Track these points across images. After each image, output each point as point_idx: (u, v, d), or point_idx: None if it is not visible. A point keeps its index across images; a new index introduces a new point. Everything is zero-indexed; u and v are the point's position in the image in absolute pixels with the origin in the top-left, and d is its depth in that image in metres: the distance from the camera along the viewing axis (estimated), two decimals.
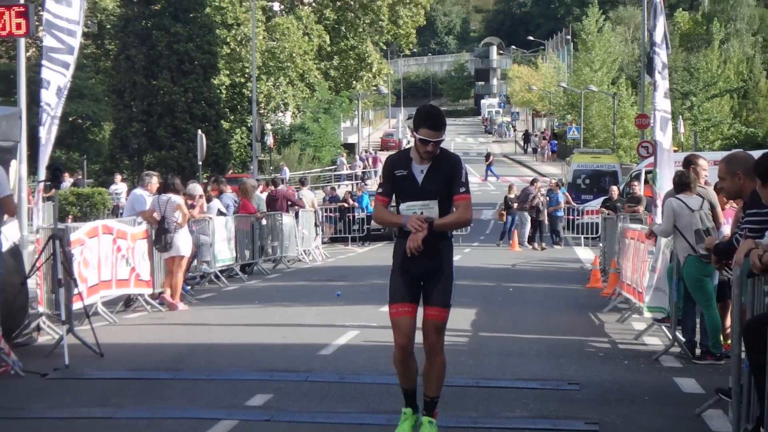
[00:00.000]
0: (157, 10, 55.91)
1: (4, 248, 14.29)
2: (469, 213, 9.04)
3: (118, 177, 44.14)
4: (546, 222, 42.28)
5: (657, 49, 24.47)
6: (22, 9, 14.63)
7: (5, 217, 16.01)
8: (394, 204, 9.19)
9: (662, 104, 22.73)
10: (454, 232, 44.42)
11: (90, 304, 17.04)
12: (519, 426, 10.44)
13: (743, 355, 8.89)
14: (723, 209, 14.75)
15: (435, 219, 8.69)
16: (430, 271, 8.87)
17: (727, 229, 13.87)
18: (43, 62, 17.19)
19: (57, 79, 17.37)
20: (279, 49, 63.56)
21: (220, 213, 26.66)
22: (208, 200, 26.10)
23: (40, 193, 17.83)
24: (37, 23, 16.58)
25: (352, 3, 73.81)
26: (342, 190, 53.95)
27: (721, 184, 7.18)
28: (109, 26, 57.82)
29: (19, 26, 14.60)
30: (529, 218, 41.41)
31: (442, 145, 9.13)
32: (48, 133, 17.31)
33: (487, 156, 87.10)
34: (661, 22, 24.29)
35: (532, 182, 45.40)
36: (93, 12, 55.55)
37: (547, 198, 43.47)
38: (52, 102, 17.34)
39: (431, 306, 8.91)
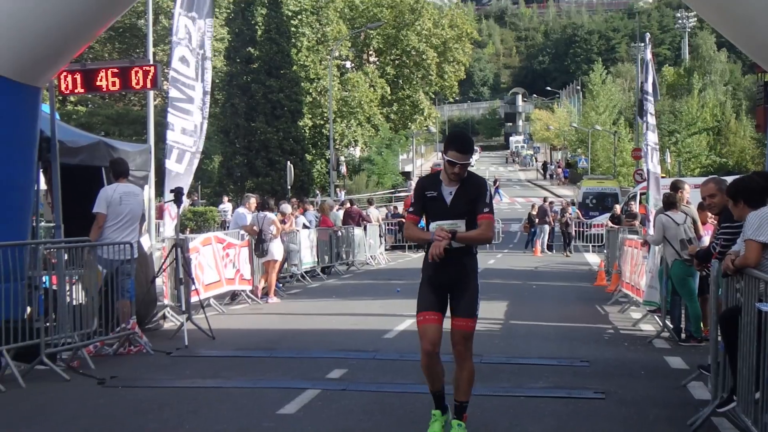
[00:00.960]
0: (255, 68, 56.20)
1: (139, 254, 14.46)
2: (491, 232, 8.02)
3: (225, 198, 44.19)
4: (562, 233, 42.48)
5: (648, 96, 24.35)
6: (152, 68, 14.79)
7: (143, 228, 16.21)
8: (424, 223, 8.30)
9: (652, 140, 22.61)
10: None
11: (204, 298, 17.18)
12: (542, 395, 10.41)
13: (719, 338, 8.84)
14: (704, 223, 14.70)
15: (459, 231, 7.73)
16: (456, 284, 7.83)
17: (706, 240, 13.81)
18: (169, 109, 17.33)
19: (179, 122, 17.53)
20: (350, 97, 63.64)
21: (305, 226, 26.87)
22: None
23: (167, 211, 17.95)
24: (163, 79, 16.72)
25: (407, 61, 73.73)
26: (401, 208, 53.94)
27: (709, 201, 7.03)
28: (217, 81, 58.20)
29: (146, 81, 14.75)
30: (547, 229, 41.59)
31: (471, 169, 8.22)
32: (190, 165, 17.51)
33: (495, 181, 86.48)
34: (651, 76, 24.19)
35: (544, 200, 45.53)
36: None
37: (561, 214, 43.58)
38: (181, 141, 17.50)
39: (459, 317, 7.84)
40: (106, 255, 12.79)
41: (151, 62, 15.51)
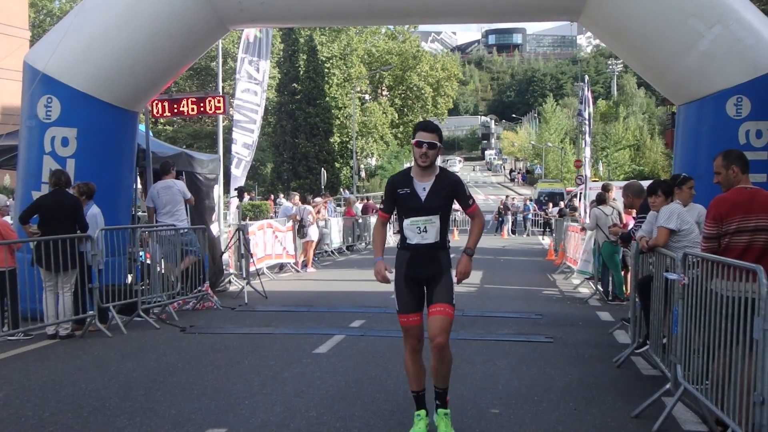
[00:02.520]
0: (298, 99, 56.40)
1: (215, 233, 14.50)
2: (483, 216, 6.52)
3: (281, 195, 44.51)
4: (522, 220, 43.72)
5: (585, 121, 24.32)
6: (221, 97, 14.79)
7: (213, 217, 16.19)
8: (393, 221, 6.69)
9: (588, 154, 22.57)
10: (459, 230, 43.19)
11: (259, 267, 17.19)
12: (507, 339, 10.40)
13: (637, 298, 8.82)
14: (627, 214, 14.67)
15: (471, 250, 6.23)
16: (432, 277, 6.16)
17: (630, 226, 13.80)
18: (234, 129, 17.40)
19: (241, 138, 17.54)
20: (368, 121, 63.60)
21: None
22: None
23: (231, 204, 17.99)
24: (229, 106, 16.76)
25: (410, 95, 73.45)
26: None
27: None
28: (270, 108, 58.36)
29: (218, 108, 14.74)
30: (510, 219, 42.31)
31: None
32: (244, 171, 17.52)
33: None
34: (588, 107, 24.15)
35: (506, 197, 47.46)
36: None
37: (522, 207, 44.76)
38: (241, 152, 17.52)
39: (438, 302, 6.12)
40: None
41: (221, 93, 15.47)
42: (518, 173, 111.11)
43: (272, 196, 44.97)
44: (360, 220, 30.52)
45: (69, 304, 10.32)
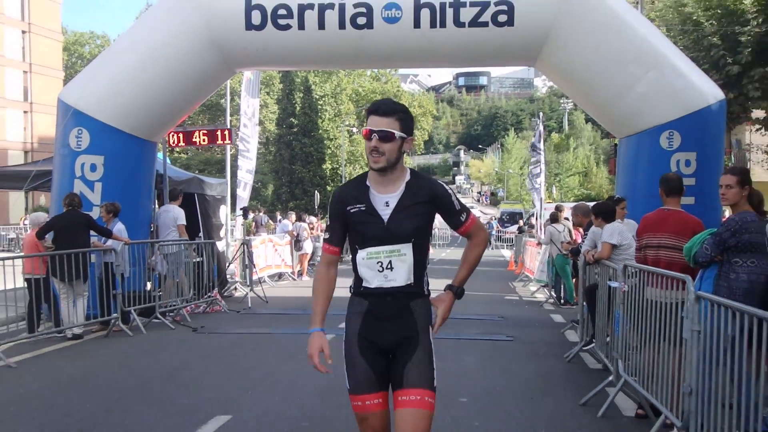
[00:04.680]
0: (295, 131, 56.39)
1: (221, 249, 14.46)
2: (484, 232, 3.69)
3: (278, 214, 44.40)
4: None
5: (536, 152, 24.40)
6: (228, 130, 14.80)
7: (221, 232, 16.14)
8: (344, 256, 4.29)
9: (543, 179, 22.70)
10: (439, 242, 42.75)
11: (261, 276, 17.13)
12: (474, 338, 10.42)
13: (584, 303, 8.87)
14: (576, 231, 14.78)
15: (460, 288, 3.82)
16: (402, 343, 3.37)
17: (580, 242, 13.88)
18: (239, 156, 17.37)
19: (245, 164, 17.52)
20: (356, 150, 63.67)
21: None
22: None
23: (237, 221, 17.95)
24: (235, 137, 16.75)
25: None
26: None
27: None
28: (271, 139, 58.43)
29: (224, 138, 14.76)
30: None
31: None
32: (245, 191, 17.48)
33: None
34: (541, 138, 24.32)
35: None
36: (264, 131, 56.01)
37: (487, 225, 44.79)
38: (245, 177, 17.50)
39: (411, 388, 3.26)
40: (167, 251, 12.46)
41: (228, 127, 15.49)
42: (483, 195, 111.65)
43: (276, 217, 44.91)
44: None
45: (81, 310, 10.22)
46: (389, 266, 3.31)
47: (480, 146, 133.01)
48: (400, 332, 3.34)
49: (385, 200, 3.32)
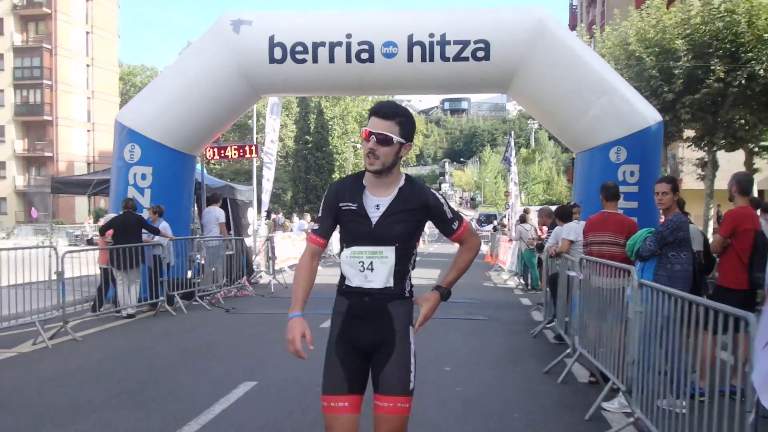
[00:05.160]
0: (310, 146, 56.44)
1: (248, 244, 14.40)
2: (477, 238, 3.32)
3: (295, 216, 44.39)
4: None
5: (509, 165, 24.46)
6: (255, 146, 14.77)
7: (249, 230, 16.09)
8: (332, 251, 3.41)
9: (513, 188, 22.71)
10: (428, 238, 42.27)
11: (282, 266, 17.09)
12: (457, 318, 10.37)
13: (548, 288, 8.88)
14: (541, 230, 14.77)
15: (446, 290, 3.27)
16: (381, 345, 2.77)
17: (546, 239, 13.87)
18: (264, 167, 17.34)
19: (267, 173, 17.49)
20: (360, 163, 63.60)
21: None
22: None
23: (261, 221, 17.92)
24: (261, 151, 16.72)
25: None
26: None
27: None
28: (290, 153, 58.41)
29: (252, 152, 14.73)
30: None
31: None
32: (267, 197, 17.41)
33: None
34: (513, 152, 24.34)
35: None
36: (283, 146, 56.01)
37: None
38: (267, 185, 17.46)
39: (386, 394, 2.71)
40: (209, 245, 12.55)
41: (255, 143, 15.45)
42: (464, 200, 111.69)
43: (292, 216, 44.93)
44: None
45: (134, 294, 10.24)
46: (370, 267, 2.79)
47: (462, 159, 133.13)
48: (378, 334, 2.78)
49: (377, 203, 2.80)
